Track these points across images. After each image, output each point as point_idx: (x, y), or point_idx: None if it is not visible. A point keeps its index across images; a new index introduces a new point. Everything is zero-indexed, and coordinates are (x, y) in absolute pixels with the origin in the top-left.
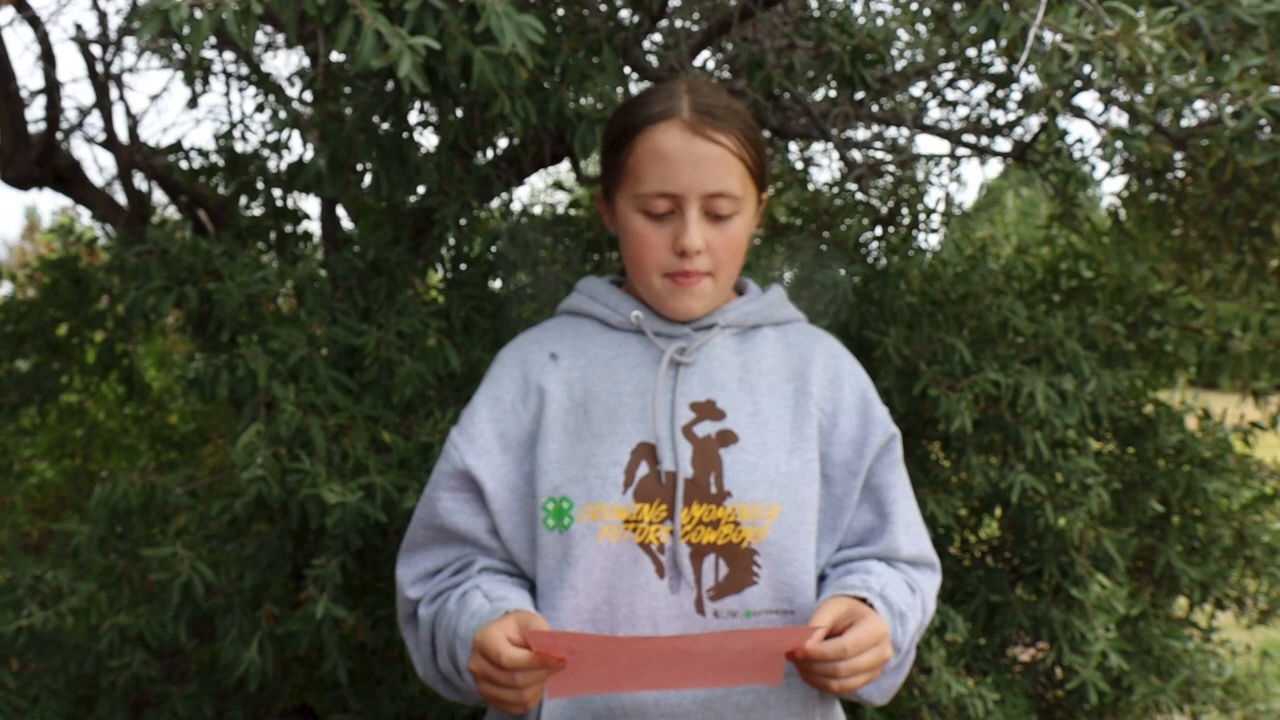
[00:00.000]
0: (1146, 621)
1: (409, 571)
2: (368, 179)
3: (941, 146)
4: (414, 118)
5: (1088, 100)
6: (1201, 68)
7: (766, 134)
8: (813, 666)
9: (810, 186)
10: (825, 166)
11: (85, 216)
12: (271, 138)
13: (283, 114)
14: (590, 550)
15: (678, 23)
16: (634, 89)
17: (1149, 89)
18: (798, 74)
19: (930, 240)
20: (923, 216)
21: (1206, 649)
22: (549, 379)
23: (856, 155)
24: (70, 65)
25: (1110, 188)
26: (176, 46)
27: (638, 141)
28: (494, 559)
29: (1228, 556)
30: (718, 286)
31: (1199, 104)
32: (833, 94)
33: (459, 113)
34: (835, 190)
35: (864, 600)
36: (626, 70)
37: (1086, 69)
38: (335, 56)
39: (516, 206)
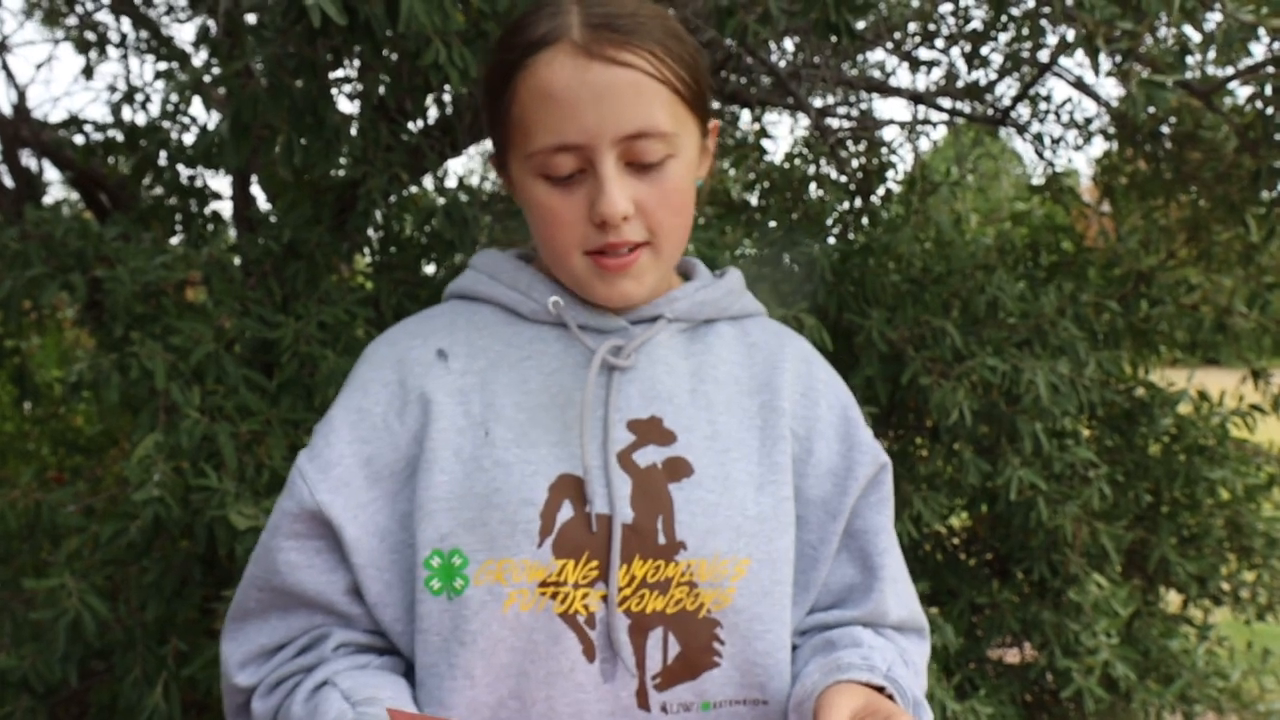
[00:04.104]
0: (1141, 620)
1: (238, 649)
2: (279, 147)
3: (918, 111)
4: (335, 77)
5: (1075, 65)
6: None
7: (718, 104)
8: None
9: (768, 157)
10: (784, 136)
11: None
12: (170, 106)
13: (182, 76)
14: (492, 624)
15: None
16: None
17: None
18: (775, 21)
19: (911, 213)
20: (902, 187)
21: (1203, 647)
22: (435, 385)
23: (832, 122)
24: None
25: (1084, 158)
26: (65, 7)
27: (518, 82)
28: (355, 631)
29: (1221, 548)
30: (660, 258)
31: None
32: (802, 56)
33: (387, 66)
34: (806, 159)
35: (879, 689)
36: None
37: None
38: (252, 19)
39: (452, 181)
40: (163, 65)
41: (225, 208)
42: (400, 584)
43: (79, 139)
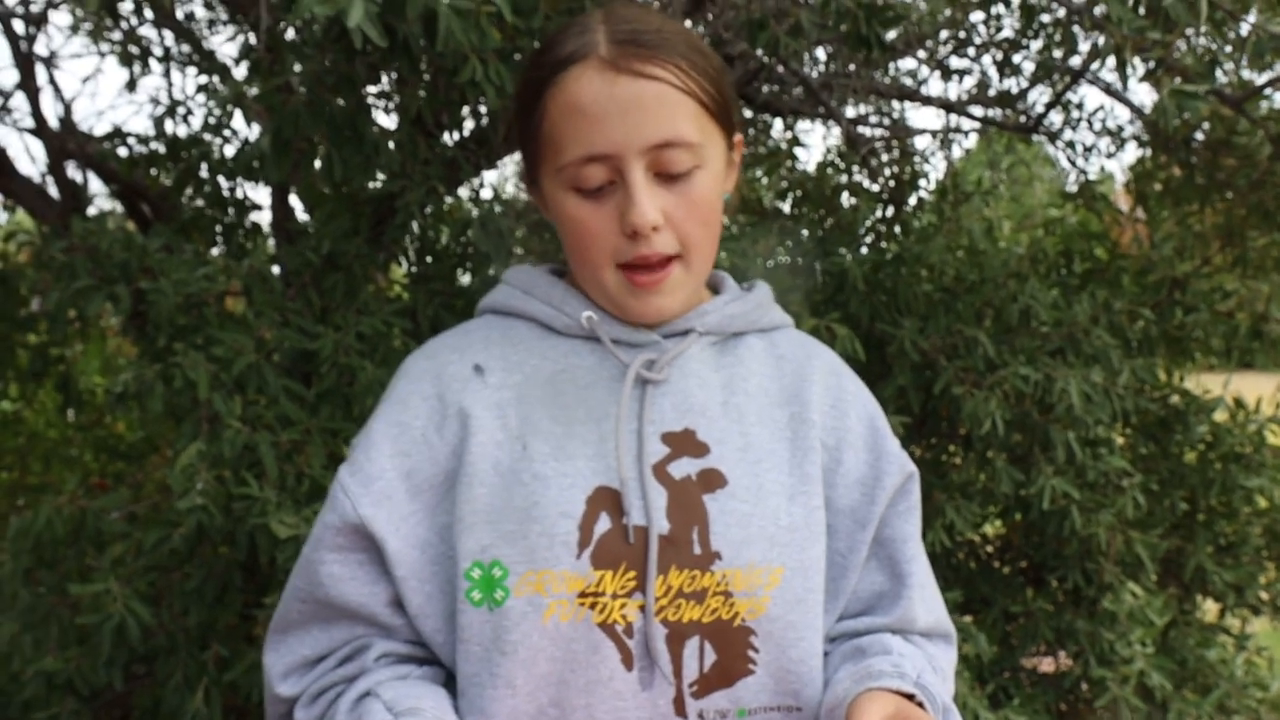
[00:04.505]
0: (1178, 629)
1: (280, 660)
2: (319, 161)
3: (949, 120)
4: (372, 92)
5: (1108, 72)
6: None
7: (750, 114)
8: None
9: (799, 166)
10: (815, 145)
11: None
12: (212, 119)
13: (223, 89)
14: (533, 634)
15: None
16: None
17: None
18: (806, 34)
19: (943, 221)
20: (934, 196)
21: (1241, 657)
22: (473, 400)
23: (864, 131)
24: None
25: (1118, 164)
26: (109, 23)
27: (548, 98)
28: (396, 641)
29: (1258, 557)
30: (691, 272)
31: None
32: (834, 66)
33: (424, 82)
34: (838, 168)
35: (909, 696)
36: None
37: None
38: (291, 34)
39: (487, 192)
40: (204, 79)
41: (264, 218)
42: (441, 595)
43: (123, 151)
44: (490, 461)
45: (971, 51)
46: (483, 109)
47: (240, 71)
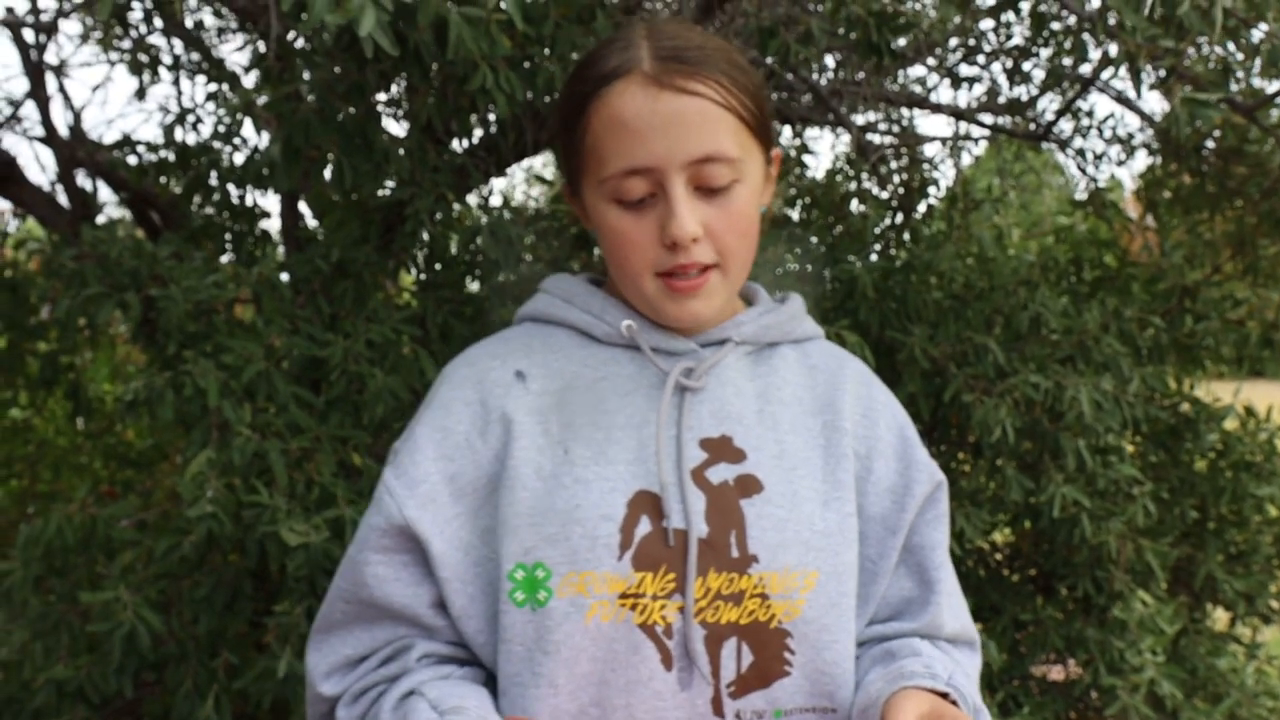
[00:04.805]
0: (1188, 638)
1: (323, 659)
2: (329, 169)
3: (959, 127)
4: (382, 99)
5: (1118, 80)
6: None
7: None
8: None
9: (808, 173)
10: (824, 152)
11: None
12: (222, 127)
13: (233, 98)
14: (575, 634)
15: None
16: None
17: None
18: (816, 41)
19: (953, 229)
20: (943, 204)
21: (1252, 666)
22: (515, 405)
23: (874, 138)
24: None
25: (1128, 172)
26: (119, 31)
27: (591, 112)
28: (438, 642)
29: (1269, 565)
30: (728, 281)
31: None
32: (843, 74)
33: (434, 90)
34: (848, 175)
35: (941, 695)
36: None
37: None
38: (301, 43)
39: (497, 200)
40: (214, 87)
41: (273, 226)
42: (483, 596)
43: (132, 159)
44: (532, 466)
45: (981, 59)
46: (492, 116)
47: (250, 79)
